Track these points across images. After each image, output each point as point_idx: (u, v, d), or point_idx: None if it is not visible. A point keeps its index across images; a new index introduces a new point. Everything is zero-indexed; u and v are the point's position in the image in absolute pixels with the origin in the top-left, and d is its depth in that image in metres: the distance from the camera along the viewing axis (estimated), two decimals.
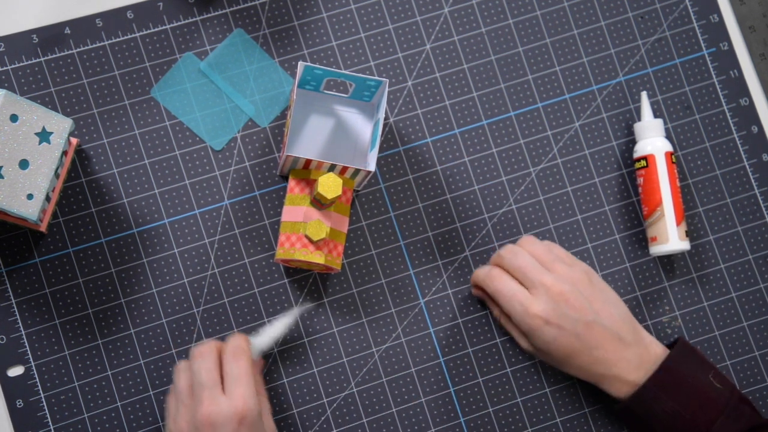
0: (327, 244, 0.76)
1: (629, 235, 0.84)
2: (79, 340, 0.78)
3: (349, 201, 0.78)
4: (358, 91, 0.79)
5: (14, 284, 0.78)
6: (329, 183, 0.73)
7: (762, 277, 0.85)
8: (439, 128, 0.84)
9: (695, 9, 0.88)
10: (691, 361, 0.75)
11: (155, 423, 0.78)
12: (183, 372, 0.72)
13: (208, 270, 0.80)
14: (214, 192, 0.81)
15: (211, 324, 0.79)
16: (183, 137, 0.81)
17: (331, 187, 0.73)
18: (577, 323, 0.73)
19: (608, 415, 0.82)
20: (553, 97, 0.85)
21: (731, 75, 0.87)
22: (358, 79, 0.77)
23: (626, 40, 0.87)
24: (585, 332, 0.73)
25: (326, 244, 0.76)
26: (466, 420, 0.81)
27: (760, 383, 0.83)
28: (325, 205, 0.76)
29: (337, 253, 0.77)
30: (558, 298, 0.73)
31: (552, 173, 0.84)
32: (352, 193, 0.78)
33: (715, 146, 0.86)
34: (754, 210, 0.85)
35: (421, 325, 0.81)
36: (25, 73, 0.80)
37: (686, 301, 0.84)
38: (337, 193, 0.73)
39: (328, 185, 0.73)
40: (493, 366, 0.81)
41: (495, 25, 0.86)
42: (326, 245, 0.76)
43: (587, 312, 0.73)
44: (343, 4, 0.84)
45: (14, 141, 0.70)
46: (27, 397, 0.77)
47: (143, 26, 0.82)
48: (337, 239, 0.77)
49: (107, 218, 0.80)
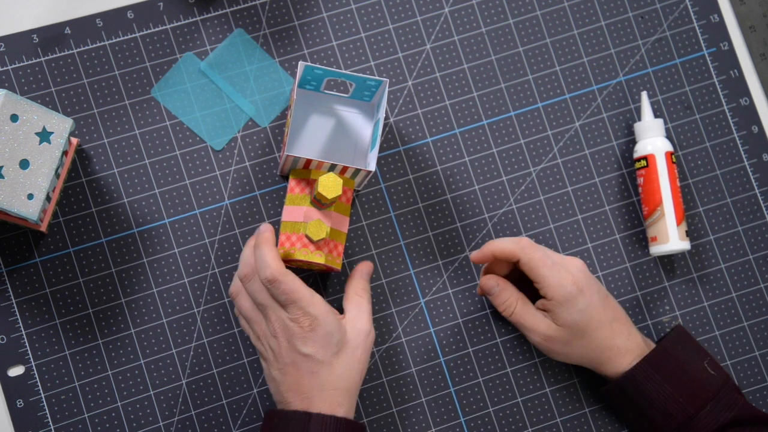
0: (327, 244, 0.76)
1: (629, 235, 0.84)
2: (79, 340, 0.78)
3: (349, 201, 0.78)
4: (359, 90, 0.79)
5: (14, 284, 0.78)
6: (329, 183, 0.73)
7: (762, 277, 0.85)
8: (439, 128, 0.84)
9: (695, 9, 0.88)
10: (687, 346, 0.76)
11: (155, 423, 0.78)
12: (239, 298, 0.75)
13: (208, 270, 0.80)
14: (214, 192, 0.81)
15: (211, 324, 0.79)
16: (183, 137, 0.81)
17: (332, 187, 0.73)
18: (599, 294, 0.75)
19: (609, 415, 0.82)
20: (553, 97, 0.85)
21: (731, 75, 0.87)
22: (358, 78, 0.77)
23: (626, 40, 0.87)
24: (607, 303, 0.76)
25: (326, 243, 0.76)
26: (466, 420, 0.81)
27: (760, 383, 0.83)
28: (326, 205, 0.75)
29: (338, 253, 0.77)
30: (585, 270, 0.76)
31: (552, 173, 0.84)
32: (352, 193, 0.78)
33: (715, 146, 0.86)
34: (754, 210, 0.85)
35: (422, 325, 0.81)
36: (25, 73, 0.80)
37: (686, 301, 0.84)
38: (337, 193, 0.73)
39: (328, 185, 0.73)
40: (493, 366, 0.81)
41: (495, 25, 0.86)
42: (326, 245, 0.76)
43: (602, 286, 0.77)
44: (343, 4, 0.84)
45: (14, 141, 0.70)
46: (27, 397, 0.77)
47: (143, 26, 0.82)
48: (338, 239, 0.77)
49: (107, 218, 0.80)
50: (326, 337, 0.71)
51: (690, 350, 0.75)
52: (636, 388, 0.74)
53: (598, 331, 0.75)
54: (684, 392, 0.73)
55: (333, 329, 0.71)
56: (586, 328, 0.74)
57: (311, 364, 0.71)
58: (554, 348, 0.76)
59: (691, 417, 0.72)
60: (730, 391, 0.74)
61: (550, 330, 0.75)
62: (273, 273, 0.70)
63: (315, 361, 0.71)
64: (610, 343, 0.75)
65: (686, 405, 0.73)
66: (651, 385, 0.73)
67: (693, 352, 0.75)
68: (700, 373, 0.74)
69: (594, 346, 0.75)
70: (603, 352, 0.75)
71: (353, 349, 0.72)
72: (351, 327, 0.73)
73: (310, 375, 0.71)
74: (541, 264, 0.74)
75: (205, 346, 0.79)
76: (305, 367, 0.71)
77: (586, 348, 0.75)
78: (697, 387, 0.73)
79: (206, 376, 0.79)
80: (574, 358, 0.77)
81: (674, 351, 0.74)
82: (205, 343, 0.79)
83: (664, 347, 0.75)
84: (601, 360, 0.76)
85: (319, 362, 0.71)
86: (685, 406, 0.73)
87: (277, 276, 0.70)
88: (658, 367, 0.73)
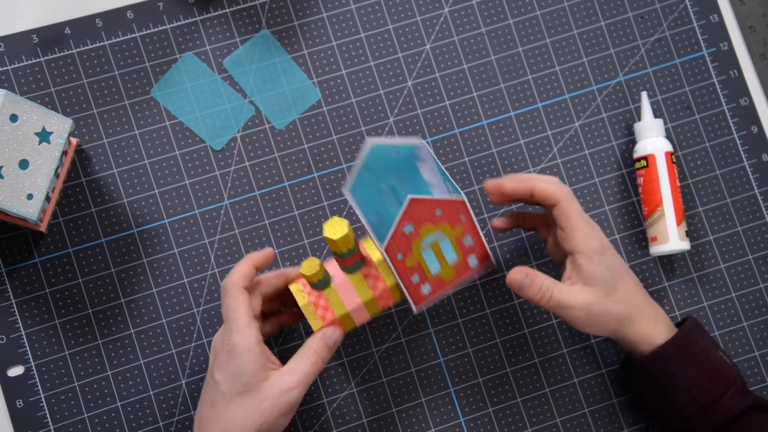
0: (325, 306, 0.71)
1: (629, 235, 0.84)
2: (79, 340, 0.78)
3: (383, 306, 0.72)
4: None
5: (14, 284, 0.78)
6: (334, 224, 0.67)
7: (762, 277, 0.85)
8: (439, 128, 0.84)
9: (695, 9, 0.88)
10: (704, 334, 0.76)
11: (155, 423, 0.78)
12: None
13: (208, 270, 0.80)
14: (214, 192, 0.81)
15: (211, 324, 0.79)
16: (183, 137, 0.81)
17: (337, 228, 0.67)
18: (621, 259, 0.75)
19: (609, 415, 0.82)
20: (553, 97, 0.85)
21: (731, 75, 0.87)
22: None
23: (626, 40, 0.87)
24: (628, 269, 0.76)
25: (324, 304, 0.71)
26: (466, 420, 0.81)
27: (760, 383, 0.83)
28: (347, 265, 0.70)
29: (326, 318, 0.71)
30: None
31: (552, 173, 0.84)
32: (391, 304, 0.73)
33: (715, 146, 0.86)
34: (754, 210, 0.85)
35: (421, 325, 0.81)
36: (25, 73, 0.80)
37: (686, 301, 0.84)
38: (342, 233, 0.67)
39: (333, 226, 0.67)
40: (493, 366, 0.81)
41: (495, 25, 0.86)
42: (322, 304, 0.71)
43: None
44: (343, 4, 0.84)
45: (14, 141, 0.70)
46: (27, 397, 0.77)
47: (143, 26, 0.82)
48: (338, 312, 0.71)
49: (107, 218, 0.80)
50: (236, 371, 0.67)
51: (707, 338, 0.76)
52: (662, 368, 0.74)
53: (626, 284, 0.74)
54: (707, 377, 0.73)
55: (245, 367, 0.67)
56: (617, 282, 0.73)
57: (214, 392, 0.68)
58: (595, 314, 0.73)
59: (714, 401, 0.73)
60: (743, 381, 0.75)
61: (590, 296, 0.73)
62: (227, 282, 0.69)
63: (218, 391, 0.67)
64: (639, 302, 0.75)
65: (710, 389, 0.73)
66: (676, 367, 0.73)
67: (708, 341, 0.76)
68: (719, 360, 0.74)
69: (626, 297, 0.74)
70: (636, 308, 0.75)
71: (261, 398, 0.66)
72: (275, 377, 0.67)
73: (211, 404, 0.68)
74: (579, 214, 0.73)
75: (205, 346, 0.79)
76: (211, 393, 0.68)
77: (619, 303, 0.74)
78: (718, 372, 0.74)
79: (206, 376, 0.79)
80: (612, 323, 0.74)
81: (696, 337, 0.75)
82: (204, 343, 0.79)
83: (686, 332, 0.75)
84: (633, 318, 0.74)
85: (221, 393, 0.67)
86: (710, 390, 0.73)
87: (227, 287, 0.69)
88: (683, 350, 0.74)
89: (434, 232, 0.71)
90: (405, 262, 0.70)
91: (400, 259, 0.70)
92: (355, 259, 0.70)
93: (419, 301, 0.72)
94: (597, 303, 0.73)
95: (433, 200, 0.69)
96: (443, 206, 0.70)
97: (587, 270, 0.72)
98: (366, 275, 0.71)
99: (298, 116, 0.83)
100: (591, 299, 0.72)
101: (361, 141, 0.83)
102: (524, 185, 0.73)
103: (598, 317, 0.73)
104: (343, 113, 0.83)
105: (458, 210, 0.71)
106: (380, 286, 0.71)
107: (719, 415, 0.73)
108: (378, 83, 0.84)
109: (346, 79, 0.84)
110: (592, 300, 0.72)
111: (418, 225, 0.69)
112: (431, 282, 0.72)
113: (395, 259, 0.70)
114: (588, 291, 0.73)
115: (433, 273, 0.71)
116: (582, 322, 0.73)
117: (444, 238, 0.71)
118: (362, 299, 0.71)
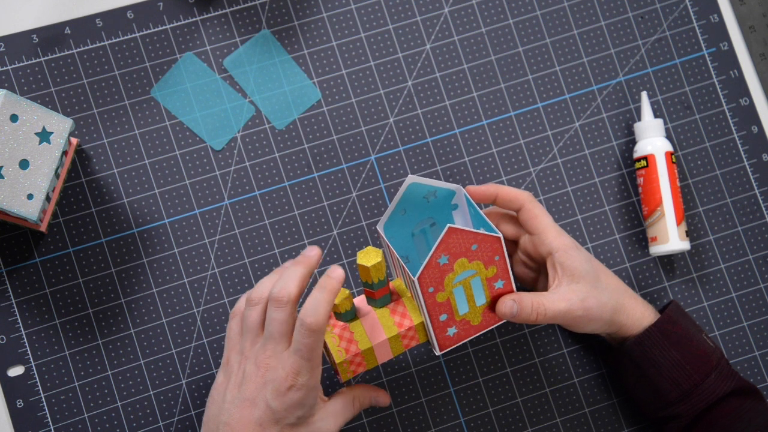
0: (355, 351, 0.70)
1: (629, 235, 0.84)
2: (79, 340, 0.78)
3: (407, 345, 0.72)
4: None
5: (14, 284, 0.78)
6: (369, 252, 0.67)
7: (762, 277, 0.85)
8: (439, 128, 0.84)
9: (695, 9, 0.88)
10: (686, 318, 0.76)
11: (155, 423, 0.78)
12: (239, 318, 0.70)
13: (208, 270, 0.80)
14: (214, 192, 0.81)
15: (211, 324, 0.79)
16: (183, 137, 0.81)
17: (371, 256, 0.67)
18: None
19: (608, 415, 0.82)
20: (553, 97, 0.85)
21: (731, 75, 0.87)
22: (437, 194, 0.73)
23: (626, 40, 0.87)
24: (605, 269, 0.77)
25: (354, 351, 0.70)
26: (466, 420, 0.81)
27: (760, 383, 0.83)
28: (375, 294, 0.70)
29: (355, 368, 0.70)
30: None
31: (552, 173, 0.84)
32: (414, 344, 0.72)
33: (715, 146, 0.86)
34: (754, 210, 0.85)
35: None
36: (25, 73, 0.80)
37: (686, 301, 0.84)
38: (376, 260, 0.66)
39: (368, 253, 0.67)
40: (493, 366, 0.81)
41: (495, 25, 0.86)
42: (352, 351, 0.70)
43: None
44: (343, 4, 0.84)
45: (14, 141, 0.70)
46: (27, 397, 0.77)
47: (143, 26, 0.82)
48: (366, 356, 0.70)
49: (107, 218, 0.80)
50: (297, 404, 0.65)
51: (690, 322, 0.76)
52: (645, 353, 0.74)
53: (606, 274, 0.75)
54: (690, 360, 0.74)
55: (306, 402, 0.66)
56: (599, 272, 0.74)
57: (265, 416, 0.66)
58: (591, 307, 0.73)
59: (696, 385, 0.73)
60: (727, 363, 0.75)
61: (580, 291, 0.73)
62: (317, 324, 0.64)
63: (270, 418, 0.66)
64: (623, 289, 0.76)
65: (692, 373, 0.73)
66: (659, 351, 0.74)
67: (692, 324, 0.76)
68: (702, 343, 0.75)
69: (612, 286, 0.75)
70: (623, 294, 0.75)
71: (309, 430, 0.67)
72: (321, 416, 0.68)
73: (257, 424, 0.66)
74: (545, 214, 0.74)
75: (205, 346, 0.79)
76: (257, 414, 0.66)
77: (608, 291, 0.74)
78: (701, 356, 0.74)
79: (206, 376, 0.79)
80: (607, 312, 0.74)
81: (678, 320, 0.75)
82: (204, 343, 0.79)
83: (669, 316, 0.75)
84: (624, 304, 0.75)
85: (273, 421, 0.66)
86: (692, 374, 0.73)
87: (317, 328, 0.64)
88: (666, 334, 0.74)
89: (467, 270, 0.69)
90: (435, 296, 0.69)
91: (431, 293, 0.68)
92: (384, 292, 0.70)
93: (444, 343, 0.71)
94: (589, 296, 0.73)
95: (471, 233, 0.68)
96: (480, 241, 0.69)
97: (569, 266, 0.73)
98: (393, 311, 0.71)
99: (298, 116, 0.83)
100: (582, 294, 0.73)
101: (361, 141, 0.83)
102: (488, 192, 0.75)
103: (594, 309, 0.73)
104: (343, 113, 0.83)
105: (494, 249, 0.70)
106: (406, 323, 0.70)
107: (701, 399, 0.73)
108: (378, 83, 0.84)
109: (346, 79, 0.84)
110: (583, 294, 0.73)
111: (453, 258, 0.68)
112: (458, 324, 0.71)
113: (426, 292, 0.68)
114: (576, 287, 0.73)
115: (460, 314, 0.70)
116: (582, 320, 0.73)
117: (476, 278, 0.70)
118: (387, 335, 0.70)
